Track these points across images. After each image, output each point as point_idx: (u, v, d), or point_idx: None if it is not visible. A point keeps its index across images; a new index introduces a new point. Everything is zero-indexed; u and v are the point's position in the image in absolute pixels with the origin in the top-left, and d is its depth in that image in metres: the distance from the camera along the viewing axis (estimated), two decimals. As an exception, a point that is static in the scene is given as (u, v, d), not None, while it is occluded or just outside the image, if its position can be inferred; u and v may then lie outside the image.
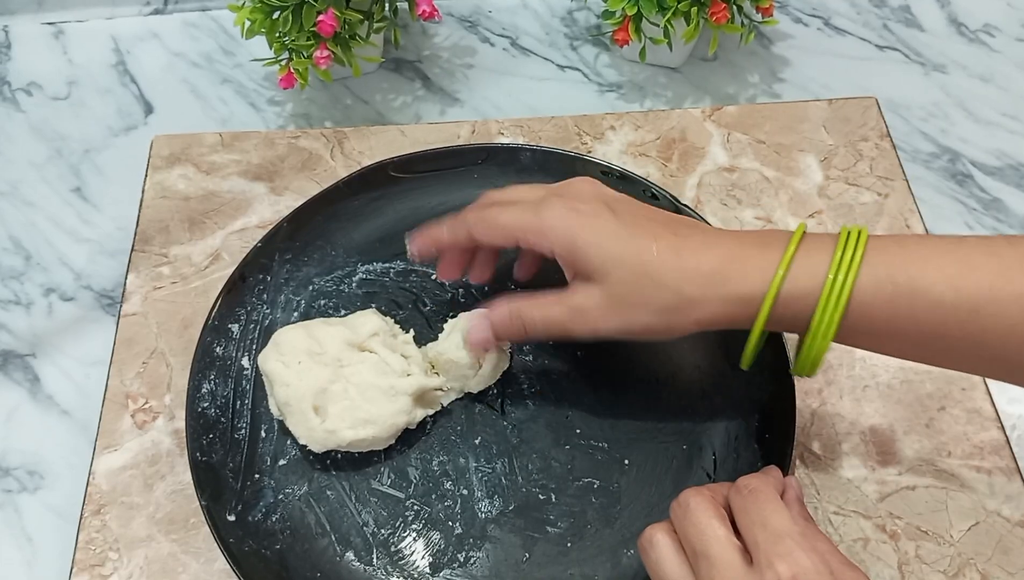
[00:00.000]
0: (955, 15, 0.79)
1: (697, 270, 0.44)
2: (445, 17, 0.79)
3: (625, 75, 0.75)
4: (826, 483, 0.54)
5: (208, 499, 0.51)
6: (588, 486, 0.53)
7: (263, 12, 0.64)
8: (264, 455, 0.54)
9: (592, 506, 0.52)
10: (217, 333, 0.57)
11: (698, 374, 0.56)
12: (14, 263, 0.65)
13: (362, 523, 0.52)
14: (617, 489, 0.53)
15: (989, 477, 0.54)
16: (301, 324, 0.55)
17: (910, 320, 0.42)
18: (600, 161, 0.63)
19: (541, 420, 0.55)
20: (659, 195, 0.61)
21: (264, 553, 0.50)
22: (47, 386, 0.60)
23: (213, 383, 0.56)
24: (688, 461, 0.53)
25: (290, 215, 0.61)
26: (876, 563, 0.51)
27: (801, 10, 0.79)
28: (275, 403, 0.53)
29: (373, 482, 0.53)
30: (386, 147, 0.68)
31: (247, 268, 0.59)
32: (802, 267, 0.43)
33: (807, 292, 0.43)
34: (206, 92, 0.75)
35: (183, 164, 0.68)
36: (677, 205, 0.60)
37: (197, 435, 0.53)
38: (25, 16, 0.79)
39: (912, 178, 0.67)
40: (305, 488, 0.53)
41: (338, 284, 0.61)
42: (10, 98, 0.75)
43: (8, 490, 0.56)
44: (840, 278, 0.42)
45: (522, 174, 0.63)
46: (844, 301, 0.42)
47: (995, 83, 0.75)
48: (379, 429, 0.52)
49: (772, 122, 0.70)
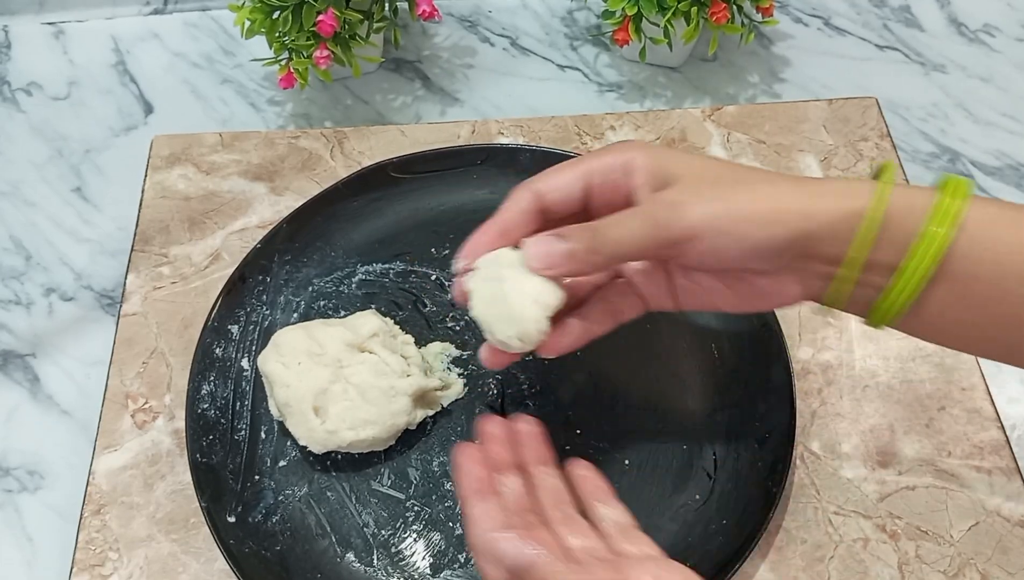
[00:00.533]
0: (955, 15, 0.79)
1: (795, 183, 0.39)
2: (445, 17, 0.79)
3: (625, 75, 0.75)
4: (826, 483, 0.54)
5: (208, 500, 0.51)
6: (588, 486, 0.53)
7: (263, 12, 0.64)
8: (264, 456, 0.54)
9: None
10: (217, 334, 0.57)
11: (698, 374, 0.56)
12: (14, 263, 0.65)
13: (362, 524, 0.52)
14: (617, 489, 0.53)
15: (989, 477, 0.54)
16: (301, 325, 0.55)
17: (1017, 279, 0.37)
18: None
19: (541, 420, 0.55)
20: None
21: (264, 554, 0.50)
22: (47, 386, 0.60)
23: (213, 384, 0.56)
24: (688, 461, 0.53)
25: (289, 216, 0.61)
26: (876, 563, 0.51)
27: (801, 10, 0.79)
28: (275, 404, 0.53)
29: (373, 483, 0.53)
30: (386, 147, 0.68)
31: (246, 269, 0.59)
32: (906, 193, 0.38)
33: (913, 210, 0.37)
34: (206, 92, 0.75)
35: (183, 164, 0.68)
36: None
37: (197, 436, 0.53)
38: (25, 16, 0.79)
39: (912, 178, 0.67)
40: (305, 489, 0.53)
41: (338, 285, 0.61)
42: (10, 98, 0.75)
43: (8, 490, 0.56)
44: (949, 201, 0.37)
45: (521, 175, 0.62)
46: (953, 223, 0.37)
47: (995, 83, 0.75)
48: (379, 430, 0.52)
49: (772, 122, 0.70)
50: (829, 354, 0.59)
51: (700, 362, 0.56)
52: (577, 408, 0.55)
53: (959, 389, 0.57)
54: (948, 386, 0.57)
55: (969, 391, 0.57)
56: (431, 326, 0.59)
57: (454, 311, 0.59)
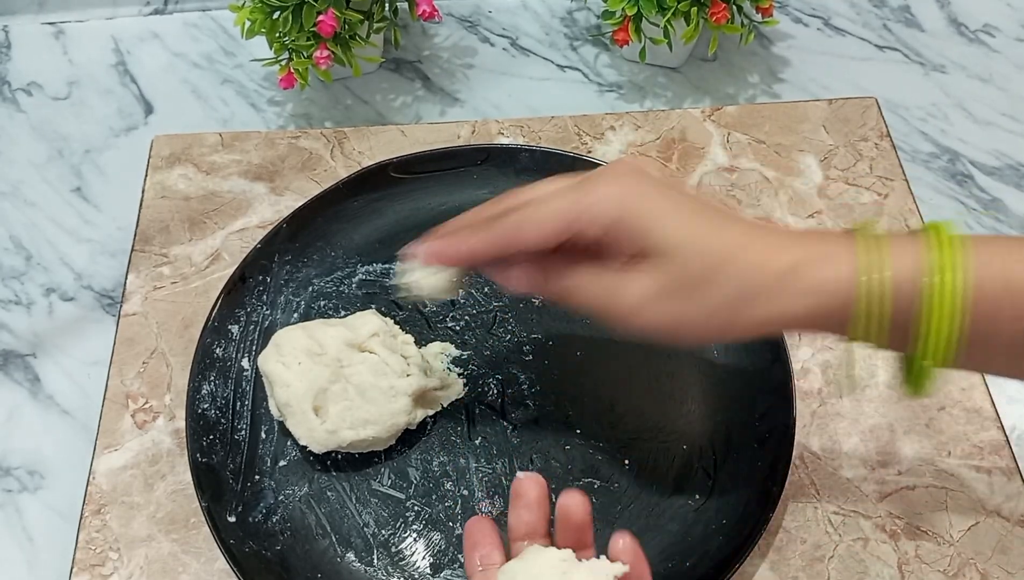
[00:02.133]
0: (955, 15, 0.79)
1: (775, 256, 0.38)
2: (445, 17, 0.79)
3: (625, 75, 0.75)
4: (826, 483, 0.54)
5: (209, 500, 0.51)
6: (588, 486, 0.53)
7: (263, 12, 0.64)
8: (264, 456, 0.54)
9: (592, 506, 0.52)
10: (217, 334, 0.57)
11: (698, 374, 0.56)
12: (15, 263, 0.65)
13: (363, 524, 0.52)
14: (617, 489, 0.53)
15: (989, 477, 0.54)
16: (301, 325, 0.55)
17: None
18: (602, 162, 0.63)
19: (541, 420, 0.55)
20: None
21: (265, 554, 0.50)
22: (47, 386, 0.60)
23: (213, 384, 0.56)
24: (688, 461, 0.53)
25: (290, 216, 0.61)
26: (876, 563, 0.51)
27: (801, 10, 0.79)
28: (275, 404, 0.53)
29: (373, 483, 0.53)
30: (386, 147, 0.68)
31: (247, 269, 0.59)
32: (903, 250, 0.36)
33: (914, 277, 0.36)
34: (206, 92, 0.75)
35: (183, 164, 0.68)
36: None
37: (197, 436, 0.53)
38: (25, 16, 0.79)
39: (912, 178, 0.67)
40: (306, 489, 0.53)
41: (338, 285, 0.61)
42: (10, 98, 0.75)
43: (8, 490, 0.56)
44: (954, 257, 0.35)
45: (522, 175, 0.63)
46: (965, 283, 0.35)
47: (995, 83, 0.75)
48: (379, 429, 0.52)
49: (772, 122, 0.70)
50: (829, 354, 0.59)
51: (700, 362, 0.56)
52: (577, 408, 0.55)
53: (959, 389, 0.57)
54: (948, 386, 0.57)
55: (969, 391, 0.57)
56: (431, 326, 0.59)
57: (454, 311, 0.59)
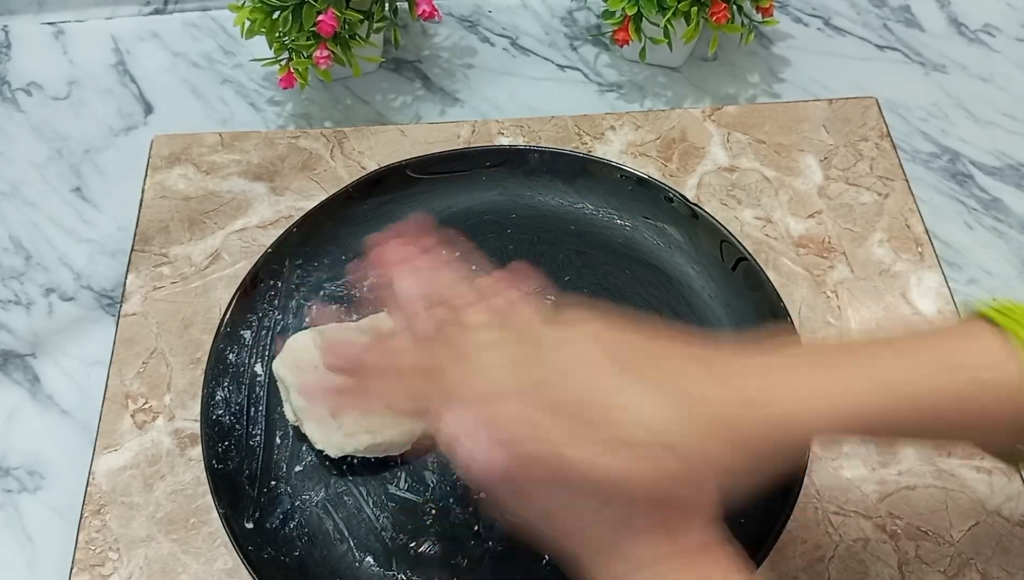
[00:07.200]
0: (955, 15, 0.79)
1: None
2: (445, 17, 0.79)
3: (625, 75, 0.75)
4: (826, 483, 0.54)
5: (226, 507, 0.50)
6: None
7: (263, 12, 0.64)
8: (280, 461, 0.54)
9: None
10: (230, 340, 0.57)
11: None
12: (14, 263, 0.65)
13: (380, 528, 0.52)
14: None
15: (989, 477, 0.54)
16: (315, 329, 0.55)
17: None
18: (613, 162, 0.63)
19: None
20: (675, 198, 0.61)
21: (283, 560, 0.50)
22: (47, 386, 0.60)
23: (227, 390, 0.56)
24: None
25: (300, 220, 0.61)
26: (876, 563, 0.51)
27: (801, 10, 0.79)
28: (291, 409, 0.53)
29: (390, 487, 0.53)
30: (386, 147, 0.68)
31: (258, 274, 0.59)
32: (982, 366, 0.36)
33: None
34: (206, 92, 0.75)
35: (183, 164, 0.68)
36: (693, 209, 0.60)
37: (213, 443, 0.53)
38: (25, 16, 0.79)
39: (912, 178, 0.67)
40: (322, 494, 0.53)
41: (349, 289, 0.61)
42: (10, 98, 0.75)
43: (8, 490, 0.56)
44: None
45: (531, 176, 0.63)
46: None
47: (995, 83, 0.75)
48: (396, 433, 0.52)
49: (772, 122, 0.70)
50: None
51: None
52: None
53: (959, 389, 0.57)
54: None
55: (969, 391, 0.57)
56: (433, 327, 0.59)
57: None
